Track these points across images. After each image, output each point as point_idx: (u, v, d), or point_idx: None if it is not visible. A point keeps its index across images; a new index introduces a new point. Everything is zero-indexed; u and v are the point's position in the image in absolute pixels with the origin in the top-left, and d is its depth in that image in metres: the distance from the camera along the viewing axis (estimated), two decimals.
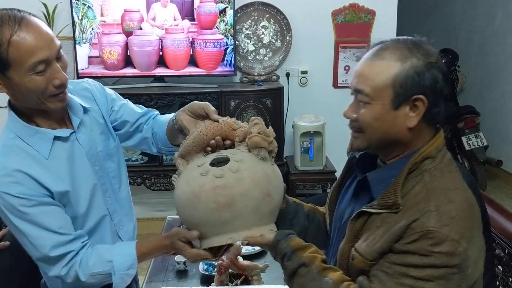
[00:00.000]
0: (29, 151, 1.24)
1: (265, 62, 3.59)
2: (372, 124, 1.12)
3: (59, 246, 1.26)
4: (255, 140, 1.15)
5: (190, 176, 1.17)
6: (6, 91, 1.20)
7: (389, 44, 1.14)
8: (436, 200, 1.05)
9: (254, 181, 1.13)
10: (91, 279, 1.29)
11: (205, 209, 1.12)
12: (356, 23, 3.59)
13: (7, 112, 1.28)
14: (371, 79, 1.10)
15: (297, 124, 3.32)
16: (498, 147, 4.76)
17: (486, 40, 5.09)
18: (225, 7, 3.30)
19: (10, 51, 1.11)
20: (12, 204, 1.21)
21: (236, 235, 1.15)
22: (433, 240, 1.01)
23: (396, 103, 1.09)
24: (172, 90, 3.28)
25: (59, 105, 1.24)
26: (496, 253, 1.95)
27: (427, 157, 1.12)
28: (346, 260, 1.16)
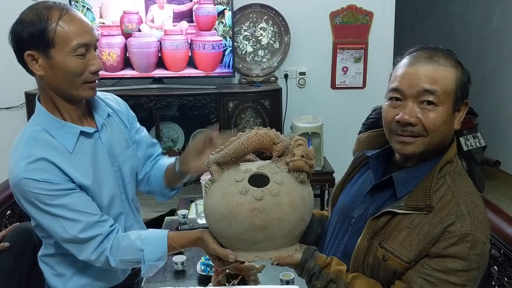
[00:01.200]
0: (54, 143, 1.29)
1: (264, 63, 3.60)
2: (440, 127, 1.13)
3: (87, 227, 1.28)
4: (298, 164, 1.15)
5: (228, 191, 1.15)
6: (43, 74, 1.24)
7: (434, 51, 1.16)
8: (466, 204, 1.11)
9: (292, 207, 1.13)
10: (121, 265, 1.33)
11: (239, 228, 1.13)
12: (354, 24, 3.61)
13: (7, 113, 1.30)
14: (440, 82, 1.12)
15: (295, 125, 3.34)
16: (496, 147, 4.77)
17: (483, 41, 5.11)
18: (223, 8, 3.31)
19: (57, 31, 1.20)
20: (36, 189, 1.24)
21: (263, 254, 1.16)
22: (470, 243, 1.07)
23: (455, 107, 1.15)
24: (171, 92, 3.29)
25: (90, 94, 1.31)
26: (492, 253, 1.96)
27: (450, 161, 1.17)
28: (363, 256, 1.18)
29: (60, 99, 1.30)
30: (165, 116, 3.47)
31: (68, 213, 1.26)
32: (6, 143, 3.51)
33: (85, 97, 1.32)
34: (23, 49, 1.23)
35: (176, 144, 3.50)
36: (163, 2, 3.27)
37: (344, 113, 3.67)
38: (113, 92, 1.48)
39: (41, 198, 1.24)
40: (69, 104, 1.32)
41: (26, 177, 1.23)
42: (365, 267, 1.18)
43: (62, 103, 1.31)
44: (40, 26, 1.20)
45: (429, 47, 1.18)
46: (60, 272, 1.43)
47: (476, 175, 4.31)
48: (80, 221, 1.27)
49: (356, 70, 3.68)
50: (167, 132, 3.48)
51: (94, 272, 1.44)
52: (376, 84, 3.68)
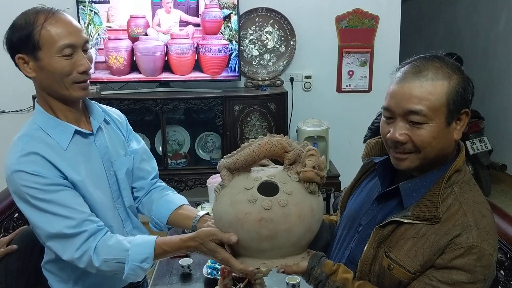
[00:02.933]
0: (49, 141, 1.32)
1: (269, 67, 3.61)
2: (431, 143, 1.11)
3: (74, 223, 1.27)
4: (309, 175, 1.15)
5: (237, 199, 1.14)
6: (35, 75, 1.29)
7: (424, 63, 1.13)
8: (473, 215, 1.09)
9: (300, 218, 1.12)
10: (104, 266, 1.28)
11: (246, 237, 1.13)
12: (359, 28, 3.61)
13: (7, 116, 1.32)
14: (426, 99, 1.09)
15: (301, 128, 3.34)
16: (503, 151, 4.75)
17: (489, 44, 5.09)
18: (229, 12, 3.33)
19: (42, 33, 1.24)
20: (27, 182, 1.26)
21: (270, 262, 1.16)
22: (476, 255, 1.06)
23: (449, 120, 1.12)
24: (177, 95, 3.31)
25: (81, 94, 1.33)
26: (498, 258, 1.95)
27: (458, 170, 1.15)
28: (369, 265, 1.18)
29: (54, 100, 1.33)
30: (171, 119, 3.49)
31: (57, 208, 1.27)
32: None
33: (77, 97, 1.34)
34: (15, 53, 1.29)
35: (182, 147, 3.52)
36: (169, 7, 3.29)
37: (349, 117, 3.67)
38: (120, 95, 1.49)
39: (32, 192, 1.26)
40: (64, 105, 1.35)
41: (19, 170, 1.26)
42: (372, 275, 1.18)
43: (56, 104, 1.34)
44: (27, 30, 1.25)
45: (421, 58, 1.15)
46: (64, 278, 1.44)
47: (482, 179, 4.30)
48: (68, 217, 1.27)
49: (362, 74, 3.68)
50: (173, 135, 3.49)
51: (98, 276, 1.43)
52: (382, 88, 3.65)
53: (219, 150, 3.48)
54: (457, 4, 5.77)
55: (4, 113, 3.57)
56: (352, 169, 1.43)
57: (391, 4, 3.59)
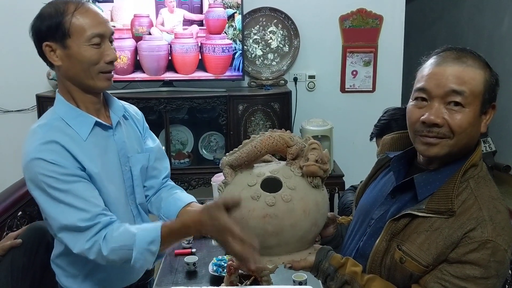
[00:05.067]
0: (69, 132, 1.33)
1: (273, 66, 3.61)
2: (467, 130, 1.10)
3: (88, 216, 1.26)
4: (312, 169, 1.13)
5: (240, 196, 1.14)
6: (61, 64, 1.31)
7: (463, 52, 1.14)
8: (488, 210, 1.08)
9: (305, 212, 1.11)
10: (113, 255, 1.26)
11: (251, 233, 1.11)
12: (363, 28, 3.61)
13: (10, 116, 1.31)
14: (468, 83, 1.09)
15: (305, 128, 3.33)
16: (507, 152, 4.74)
17: (493, 46, 5.09)
18: (233, 12, 3.33)
19: (72, 22, 1.27)
20: (45, 170, 1.25)
21: (276, 258, 1.15)
22: (491, 250, 1.05)
23: (482, 109, 1.12)
24: (181, 94, 3.29)
25: (105, 84, 1.35)
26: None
27: (474, 165, 1.14)
28: (381, 257, 1.17)
29: (77, 89, 1.35)
30: (175, 119, 3.48)
31: (73, 199, 1.26)
32: (18, 145, 3.53)
33: (101, 87, 1.36)
34: (42, 41, 1.30)
35: (186, 147, 3.51)
36: (173, 6, 3.29)
37: (353, 117, 3.66)
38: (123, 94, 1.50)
39: (49, 181, 1.25)
40: (86, 96, 1.36)
41: (38, 157, 1.26)
42: (382, 269, 1.17)
43: (79, 94, 1.36)
44: (57, 18, 1.27)
45: (457, 48, 1.16)
46: (73, 273, 1.43)
47: None
48: (83, 209, 1.26)
49: (366, 73, 3.67)
50: (177, 134, 3.48)
51: (106, 273, 1.43)
52: (386, 87, 3.67)
53: (223, 150, 3.47)
54: (460, 5, 5.76)
55: (8, 112, 3.57)
56: (356, 168, 1.41)
57: (395, 4, 3.58)
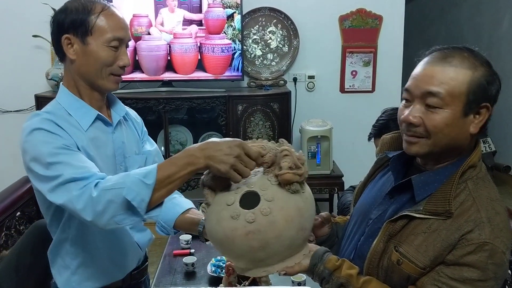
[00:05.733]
0: (71, 120, 1.35)
1: (273, 67, 3.60)
2: (443, 130, 1.10)
3: (84, 169, 1.23)
4: (286, 177, 1.10)
5: (221, 216, 1.12)
6: (75, 58, 1.33)
7: (453, 51, 1.13)
8: (486, 212, 1.07)
9: (287, 221, 1.09)
10: (102, 195, 1.16)
11: (239, 251, 1.11)
12: (363, 28, 3.60)
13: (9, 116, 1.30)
14: (446, 83, 1.09)
15: (304, 128, 3.33)
16: (506, 152, 4.74)
17: (493, 46, 5.09)
18: (233, 12, 3.32)
19: (98, 20, 1.31)
20: (45, 142, 1.25)
21: (271, 268, 1.14)
22: (488, 252, 1.03)
23: (466, 110, 1.09)
24: (180, 95, 3.29)
25: (113, 87, 1.38)
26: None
27: (472, 166, 1.13)
28: (379, 258, 1.16)
29: (84, 85, 1.37)
30: (174, 119, 3.48)
31: (71, 159, 1.24)
32: (16, 145, 3.54)
33: (109, 88, 1.39)
34: (62, 33, 1.32)
35: (185, 147, 3.49)
36: (174, 6, 3.28)
37: (353, 117, 3.66)
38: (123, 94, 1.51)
39: (48, 148, 1.24)
40: (93, 92, 1.39)
41: (39, 127, 1.27)
42: (380, 270, 1.16)
43: (85, 90, 1.38)
44: (83, 15, 1.31)
45: (450, 47, 1.15)
46: (64, 264, 1.43)
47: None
48: (80, 167, 1.23)
49: (365, 74, 3.67)
50: (176, 135, 3.48)
51: (96, 267, 1.44)
52: (385, 88, 3.67)
53: None
54: (459, 5, 5.76)
55: (7, 112, 3.56)
56: (356, 169, 1.41)
57: (395, 4, 3.58)
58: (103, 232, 1.38)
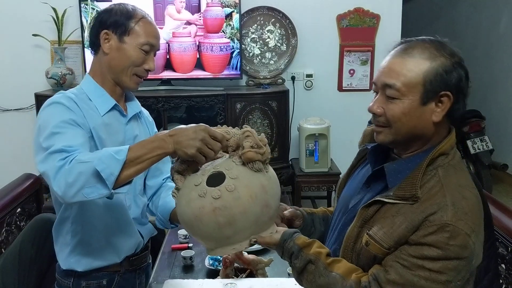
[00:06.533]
0: (90, 104, 1.47)
1: (271, 65, 3.63)
2: (401, 119, 1.15)
3: (75, 143, 1.30)
4: (248, 155, 1.17)
5: (190, 197, 1.18)
6: (109, 52, 1.47)
7: (416, 43, 1.17)
8: (452, 196, 1.10)
9: (252, 197, 1.15)
10: (74, 167, 1.22)
11: (208, 229, 1.16)
12: (360, 27, 3.63)
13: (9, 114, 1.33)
14: (403, 75, 1.13)
15: (302, 126, 3.35)
16: (504, 151, 4.76)
17: (491, 45, 5.11)
18: (231, 11, 3.35)
19: (137, 25, 1.47)
20: (60, 111, 1.37)
21: (238, 246, 1.19)
22: (449, 233, 1.06)
23: (424, 99, 1.13)
24: (179, 93, 3.31)
25: (134, 86, 1.51)
26: (499, 252, 1.96)
27: (443, 153, 1.16)
28: (353, 243, 1.20)
29: (109, 79, 1.50)
30: (173, 117, 3.50)
31: (70, 132, 1.34)
32: (16, 144, 3.59)
33: (129, 86, 1.51)
34: (102, 28, 1.46)
35: None
36: (181, 7, 3.31)
37: (350, 115, 3.68)
38: None
39: (57, 119, 1.34)
40: (115, 86, 1.51)
41: (58, 101, 1.40)
42: (353, 254, 1.20)
43: (109, 83, 1.51)
44: (125, 17, 1.47)
45: (416, 38, 1.19)
46: (66, 241, 1.50)
47: (484, 178, 4.30)
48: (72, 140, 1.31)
49: (363, 72, 3.69)
50: None
51: (91, 249, 1.50)
52: None
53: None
54: (457, 5, 5.79)
55: (7, 111, 3.59)
56: None
57: (392, 3, 3.61)
58: (102, 213, 1.47)
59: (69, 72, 3.37)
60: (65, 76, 3.34)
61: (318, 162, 3.36)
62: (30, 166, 2.90)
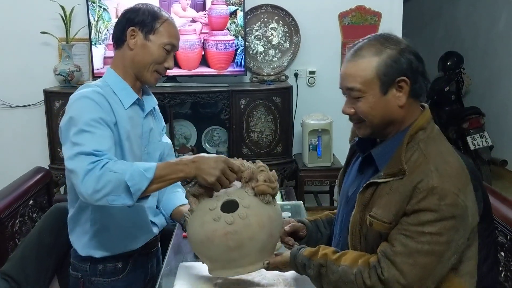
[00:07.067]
0: (115, 98, 1.54)
1: (274, 62, 3.69)
2: (370, 113, 1.27)
3: (104, 148, 1.38)
4: (261, 188, 1.32)
5: (204, 220, 1.31)
6: (134, 48, 1.55)
7: (363, 44, 1.29)
8: (434, 162, 1.20)
9: (260, 226, 1.30)
10: (105, 176, 1.31)
11: (217, 250, 1.30)
12: (362, 25, 3.69)
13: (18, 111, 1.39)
14: (359, 76, 1.25)
15: (305, 122, 3.42)
16: (503, 147, 4.82)
17: (490, 42, 5.17)
18: (235, 9, 3.41)
19: (162, 26, 1.55)
20: (88, 109, 1.44)
21: (242, 269, 1.33)
22: (438, 195, 1.16)
23: (384, 89, 1.25)
24: (184, 89, 3.37)
25: (153, 82, 1.60)
26: (499, 240, 2.02)
27: (420, 129, 1.27)
28: (359, 228, 1.29)
29: (131, 73, 1.58)
30: (178, 113, 3.56)
31: (99, 132, 1.42)
32: (24, 140, 3.65)
33: (149, 81, 1.59)
34: (129, 26, 1.55)
35: (189, 141, 3.58)
36: (186, 5, 3.37)
37: None
38: None
39: (84, 119, 1.41)
40: (135, 81, 1.59)
41: (89, 96, 1.47)
42: (361, 237, 1.29)
43: (130, 77, 1.59)
44: (152, 17, 1.55)
45: (363, 39, 1.31)
46: (85, 230, 1.57)
47: (483, 174, 4.36)
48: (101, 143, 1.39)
49: None
50: (180, 129, 3.56)
51: (112, 236, 1.57)
52: None
53: (225, 144, 3.55)
54: (457, 4, 5.85)
55: (15, 107, 3.65)
56: None
57: (393, 1, 3.66)
58: None
59: (76, 69, 3.43)
60: (73, 73, 3.40)
61: (321, 157, 3.42)
62: (38, 162, 2.98)
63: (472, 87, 5.32)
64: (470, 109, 4.70)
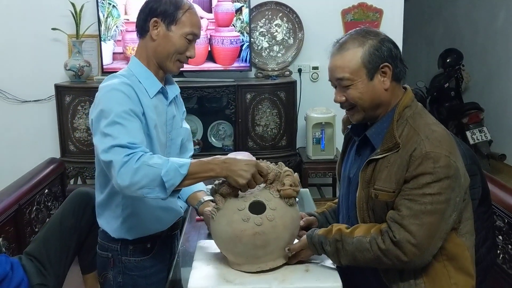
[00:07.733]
0: (140, 87, 1.58)
1: (279, 58, 3.78)
2: (361, 98, 1.40)
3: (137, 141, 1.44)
4: (288, 192, 1.41)
5: (232, 219, 1.39)
6: (156, 39, 1.57)
7: (346, 38, 1.42)
8: (423, 132, 1.35)
9: (285, 227, 1.40)
10: (141, 169, 1.37)
11: (243, 248, 1.38)
12: (364, 21, 3.78)
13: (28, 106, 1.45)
14: (346, 66, 1.39)
15: (309, 115, 3.50)
16: (502, 141, 4.91)
17: (489, 40, 5.26)
18: (241, 6, 3.50)
19: (184, 16, 1.57)
20: (118, 101, 1.48)
21: (264, 265, 1.42)
22: (432, 159, 1.30)
23: (370, 76, 1.39)
24: (191, 84, 3.45)
25: (175, 70, 1.63)
26: (497, 224, 2.12)
27: (406, 107, 1.41)
28: (366, 203, 1.41)
29: (154, 62, 1.61)
30: (185, 108, 3.63)
31: (130, 125, 1.46)
32: (35, 135, 3.74)
33: (171, 70, 1.62)
34: (152, 17, 1.57)
35: (195, 135, 3.67)
36: (193, 2, 3.45)
37: None
38: None
39: (116, 111, 1.45)
40: (158, 70, 1.63)
41: (118, 88, 1.51)
42: (368, 211, 1.41)
43: (153, 66, 1.62)
44: (174, 8, 1.57)
45: (345, 35, 1.44)
46: (116, 214, 1.62)
47: (482, 168, 4.44)
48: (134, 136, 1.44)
49: None
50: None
51: (142, 218, 1.63)
52: None
53: (231, 138, 3.64)
54: (457, 1, 5.94)
55: (26, 102, 3.73)
56: None
57: None
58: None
59: (86, 64, 3.52)
60: (83, 68, 3.49)
61: (325, 149, 3.51)
62: (49, 155, 3.07)
63: (471, 83, 5.41)
64: (470, 104, 4.79)
